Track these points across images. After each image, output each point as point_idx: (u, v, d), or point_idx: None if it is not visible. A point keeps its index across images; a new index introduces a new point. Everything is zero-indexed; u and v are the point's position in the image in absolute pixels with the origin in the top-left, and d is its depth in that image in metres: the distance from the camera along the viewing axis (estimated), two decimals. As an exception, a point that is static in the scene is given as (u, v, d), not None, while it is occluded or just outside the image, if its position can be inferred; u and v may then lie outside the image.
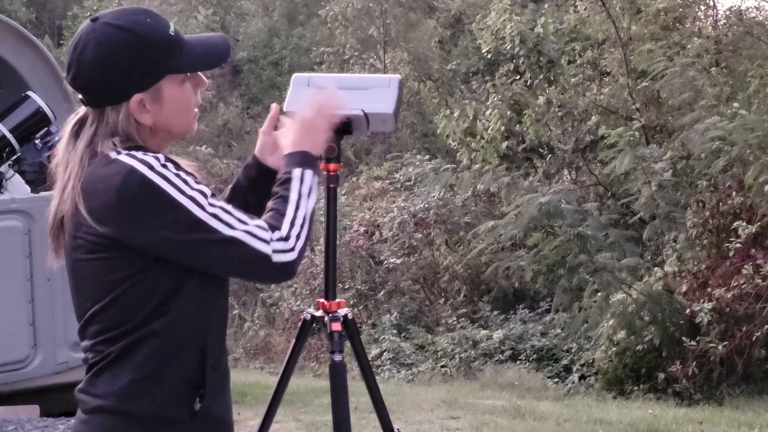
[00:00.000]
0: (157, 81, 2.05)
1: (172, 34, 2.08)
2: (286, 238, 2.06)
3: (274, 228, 2.06)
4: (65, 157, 2.10)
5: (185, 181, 2.00)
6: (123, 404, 2.01)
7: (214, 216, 1.99)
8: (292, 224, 2.09)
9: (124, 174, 1.97)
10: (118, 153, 2.02)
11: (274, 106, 2.50)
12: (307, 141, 2.25)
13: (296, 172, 2.17)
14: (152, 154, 2.02)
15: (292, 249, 2.06)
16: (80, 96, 2.09)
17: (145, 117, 2.06)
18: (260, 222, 2.06)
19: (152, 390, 2.01)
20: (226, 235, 1.99)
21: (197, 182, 2.02)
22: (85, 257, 2.03)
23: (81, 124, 2.10)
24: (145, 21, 2.06)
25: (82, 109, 2.12)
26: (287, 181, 2.16)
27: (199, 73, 2.14)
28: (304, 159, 2.20)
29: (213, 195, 2.03)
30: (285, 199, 2.12)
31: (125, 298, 2.00)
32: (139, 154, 2.01)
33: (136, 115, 2.06)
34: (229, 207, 2.04)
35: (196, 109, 2.15)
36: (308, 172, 2.18)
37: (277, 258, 2.03)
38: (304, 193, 2.15)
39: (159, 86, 2.06)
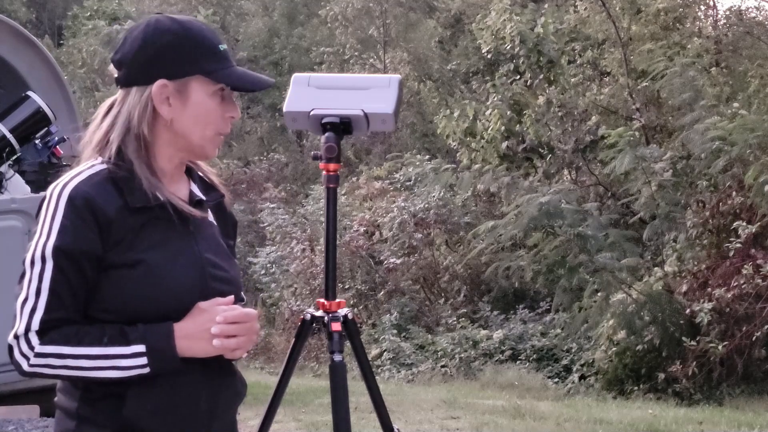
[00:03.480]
0: (186, 74, 2.08)
1: (220, 48, 2.12)
2: (37, 353, 1.98)
3: (47, 338, 1.97)
4: (90, 138, 2.15)
5: (51, 225, 2.00)
6: (62, 400, 2.09)
7: (31, 266, 2.02)
8: (60, 356, 1.97)
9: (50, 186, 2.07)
10: (90, 162, 2.08)
11: None
12: (192, 344, 2.03)
13: (137, 348, 1.98)
14: (82, 182, 2.03)
15: (32, 365, 1.99)
16: (115, 74, 2.14)
17: (165, 109, 2.08)
18: (36, 315, 1.98)
19: (78, 391, 2.06)
20: (19, 292, 2.02)
21: (68, 234, 1.98)
22: None
23: (112, 106, 2.15)
24: (199, 26, 2.14)
25: (116, 94, 2.16)
26: (123, 339, 1.99)
27: (234, 101, 2.14)
28: (159, 354, 1.99)
29: (65, 258, 1.98)
30: (95, 341, 1.98)
31: None
32: (72, 175, 2.05)
33: (157, 103, 2.08)
34: (47, 277, 1.99)
35: (218, 133, 2.13)
36: (140, 363, 1.98)
37: (16, 354, 2.01)
38: (108, 364, 1.98)
39: (187, 82, 2.08)
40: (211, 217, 2.21)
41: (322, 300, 2.72)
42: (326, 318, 2.68)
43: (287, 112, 2.74)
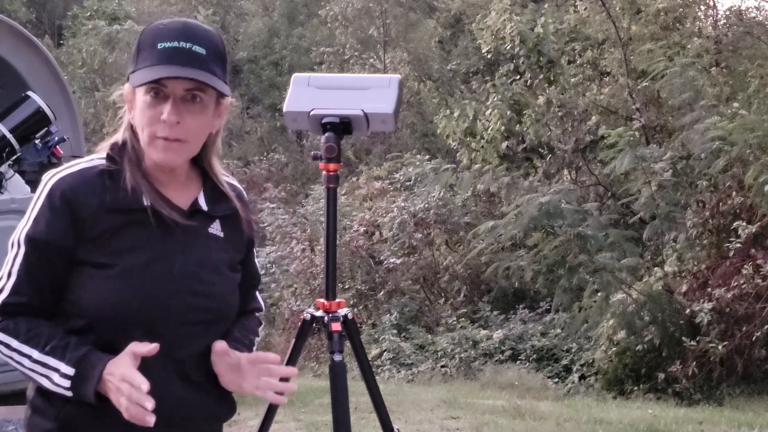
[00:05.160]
0: (128, 78, 2.08)
1: (158, 47, 2.02)
2: None
3: (4, 322, 2.02)
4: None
5: (32, 211, 2.05)
6: (29, 390, 2.15)
7: (11, 247, 2.06)
8: (9, 348, 2.02)
9: None
10: (99, 155, 2.10)
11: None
12: (109, 393, 1.98)
13: (69, 370, 1.99)
14: (71, 175, 2.05)
15: None
16: None
17: (129, 114, 2.10)
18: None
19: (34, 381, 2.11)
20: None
21: (40, 223, 2.02)
22: None
23: None
24: (153, 26, 2.09)
25: None
26: (62, 355, 1.99)
27: (169, 102, 2.01)
28: (79, 388, 1.98)
29: (32, 246, 2.02)
30: (39, 345, 2.01)
31: None
32: (69, 166, 2.07)
33: (127, 109, 2.11)
34: (19, 259, 2.03)
35: (155, 136, 2.02)
36: (65, 384, 1.99)
37: None
38: (43, 372, 2.01)
39: (134, 87, 2.07)
40: (217, 228, 2.15)
41: (322, 300, 2.72)
42: (326, 318, 2.68)
43: (287, 112, 2.75)
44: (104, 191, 2.03)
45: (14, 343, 2.02)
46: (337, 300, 2.72)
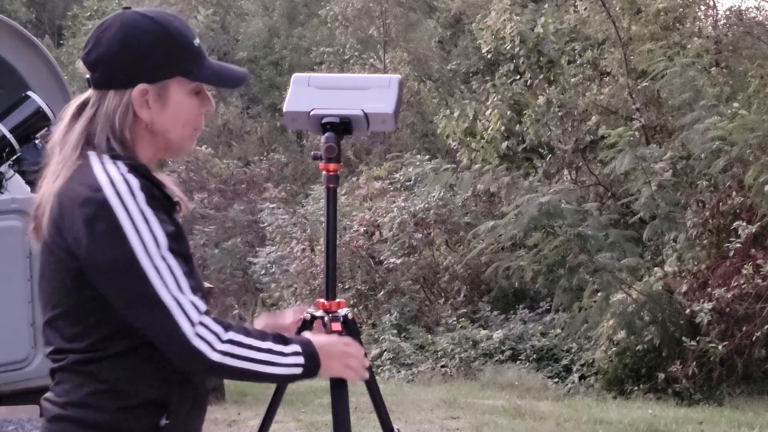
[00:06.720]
0: (166, 77, 2.04)
1: (195, 44, 2.10)
2: (225, 340, 1.96)
3: (226, 327, 1.97)
4: (63, 139, 2.06)
5: (146, 220, 1.93)
6: (82, 413, 1.99)
7: (156, 269, 1.92)
8: (243, 345, 1.98)
9: (88, 192, 1.95)
10: (102, 159, 2.00)
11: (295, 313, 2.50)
12: (329, 362, 2.18)
13: (295, 347, 2.09)
14: (131, 175, 1.97)
15: (220, 352, 1.95)
16: (87, 75, 2.07)
17: (145, 112, 2.04)
18: (199, 302, 1.95)
19: (113, 402, 1.98)
20: (155, 294, 1.91)
21: (165, 223, 1.96)
22: (49, 257, 2.01)
23: (83, 106, 2.07)
24: (173, 22, 2.09)
25: (85, 93, 2.09)
26: (285, 341, 2.09)
27: (209, 96, 2.14)
28: (312, 357, 2.12)
29: (174, 245, 1.96)
30: (259, 336, 2.03)
31: (83, 311, 1.97)
32: (115, 170, 1.97)
33: (137, 107, 2.03)
34: (178, 269, 1.94)
35: (195, 129, 2.13)
36: (297, 361, 2.09)
37: (198, 343, 1.93)
38: (274, 359, 2.04)
39: (167, 85, 2.05)
40: None
41: (322, 300, 2.72)
42: (326, 318, 2.68)
43: (287, 112, 2.74)
44: (155, 185, 2.04)
45: (247, 340, 2.00)
46: (337, 300, 2.71)
